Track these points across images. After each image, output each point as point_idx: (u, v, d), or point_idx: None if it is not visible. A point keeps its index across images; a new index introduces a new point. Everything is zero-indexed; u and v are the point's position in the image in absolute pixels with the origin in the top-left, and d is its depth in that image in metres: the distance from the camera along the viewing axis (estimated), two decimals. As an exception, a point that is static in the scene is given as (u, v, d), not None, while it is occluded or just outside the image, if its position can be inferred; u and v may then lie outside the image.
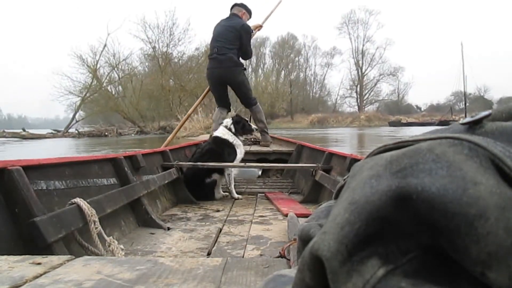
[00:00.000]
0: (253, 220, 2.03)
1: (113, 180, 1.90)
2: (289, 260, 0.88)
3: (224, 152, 2.87)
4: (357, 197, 0.23)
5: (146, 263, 0.81)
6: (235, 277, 0.75)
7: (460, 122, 0.27)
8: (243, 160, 3.14)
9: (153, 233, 1.79)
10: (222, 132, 2.98)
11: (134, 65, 30.56)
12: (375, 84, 51.66)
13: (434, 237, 0.21)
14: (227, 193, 2.85)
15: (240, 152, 2.97)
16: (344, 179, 0.31)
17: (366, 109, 49.20)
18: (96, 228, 1.32)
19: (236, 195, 2.78)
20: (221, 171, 2.80)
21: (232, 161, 2.88)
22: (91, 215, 1.33)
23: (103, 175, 1.82)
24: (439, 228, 0.20)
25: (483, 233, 0.19)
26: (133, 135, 23.43)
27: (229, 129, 2.97)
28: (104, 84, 28.05)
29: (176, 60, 29.84)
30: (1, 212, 1.14)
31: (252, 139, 4.79)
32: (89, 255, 1.21)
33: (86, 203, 1.34)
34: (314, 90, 52.71)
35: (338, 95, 53.25)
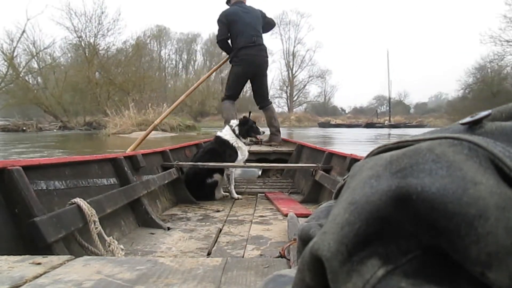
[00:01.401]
0: (253, 220, 2.03)
1: (113, 180, 1.90)
2: (289, 260, 0.88)
3: (225, 153, 2.87)
4: (357, 197, 0.23)
5: (146, 263, 0.81)
6: (235, 277, 0.75)
7: (460, 122, 0.27)
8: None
9: (153, 233, 1.79)
10: (224, 133, 2.97)
11: (57, 55, 28.73)
12: (304, 86, 52.10)
13: (434, 237, 0.21)
14: (227, 193, 2.85)
15: (242, 154, 2.95)
16: (344, 179, 0.31)
17: (294, 110, 49.34)
18: (96, 228, 1.32)
19: (236, 195, 2.78)
20: (222, 171, 2.80)
21: (233, 162, 2.87)
22: (91, 215, 1.33)
23: (103, 175, 1.82)
24: (439, 228, 0.20)
25: (483, 233, 0.19)
26: (55, 130, 21.64)
27: (233, 130, 2.96)
28: (22, 74, 25.83)
29: (103, 52, 28.31)
30: (1, 212, 1.14)
31: (255, 140, 4.79)
32: (89, 255, 1.21)
33: (86, 203, 1.34)
34: (245, 89, 51.13)
35: (268, 95, 53.08)
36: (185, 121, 19.95)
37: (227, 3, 4.48)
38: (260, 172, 4.11)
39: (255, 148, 4.06)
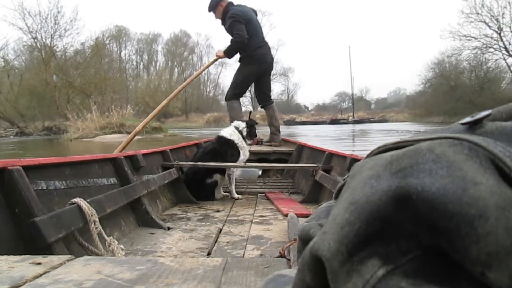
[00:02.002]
0: (253, 220, 2.03)
1: (113, 180, 1.90)
2: (289, 260, 0.88)
3: (227, 153, 2.86)
4: (357, 197, 0.23)
5: (146, 263, 0.81)
6: (235, 277, 0.75)
7: (460, 122, 0.27)
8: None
9: (153, 233, 1.79)
10: (230, 133, 2.94)
11: (11, 57, 27.38)
12: None
13: (434, 237, 0.21)
14: (227, 193, 2.85)
15: (244, 154, 2.95)
16: (344, 179, 0.31)
17: (259, 108, 48.58)
18: (96, 228, 1.32)
19: (236, 195, 2.78)
20: (222, 171, 2.80)
21: (234, 162, 2.87)
22: (91, 215, 1.33)
23: (103, 175, 1.82)
24: (439, 228, 0.20)
25: (483, 233, 0.19)
26: (11, 137, 20.18)
27: (240, 132, 2.95)
28: (-29, 77, 24.09)
29: (60, 53, 27.15)
30: (1, 212, 1.14)
31: (255, 140, 4.78)
32: (89, 255, 1.21)
33: (86, 203, 1.34)
34: (208, 89, 52.27)
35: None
36: (151, 122, 20.00)
37: (229, 5, 4.26)
38: (260, 172, 4.11)
39: (255, 148, 4.06)
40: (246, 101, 51.67)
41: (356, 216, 0.22)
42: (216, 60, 4.34)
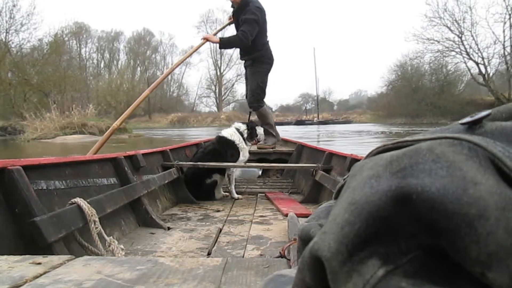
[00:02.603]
0: (253, 220, 2.03)
1: (113, 180, 1.90)
2: (289, 260, 0.88)
3: (227, 153, 2.86)
4: (357, 197, 0.23)
5: (146, 263, 0.81)
6: (235, 277, 0.75)
7: (460, 122, 0.27)
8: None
9: (153, 233, 1.79)
10: (230, 133, 2.94)
11: None
12: (233, 85, 50.89)
13: (434, 237, 0.21)
14: (227, 193, 2.85)
15: (243, 155, 2.95)
16: (344, 179, 0.31)
17: (224, 109, 48.73)
18: (96, 228, 1.32)
19: (236, 195, 2.78)
20: (222, 171, 2.80)
21: (234, 163, 2.87)
22: (91, 215, 1.33)
23: (103, 175, 1.82)
24: (439, 228, 0.20)
25: (483, 233, 0.19)
26: None
27: (241, 133, 2.95)
28: None
29: (16, 49, 25.85)
30: (1, 212, 1.14)
31: (256, 140, 4.77)
32: (89, 255, 1.21)
33: (86, 203, 1.34)
34: (172, 89, 50.91)
35: (197, 94, 51.95)
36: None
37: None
38: (260, 172, 4.11)
39: (255, 148, 4.06)
40: (211, 102, 51.52)
41: (356, 216, 0.22)
42: (203, 44, 3.76)
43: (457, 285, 0.21)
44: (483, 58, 28.84)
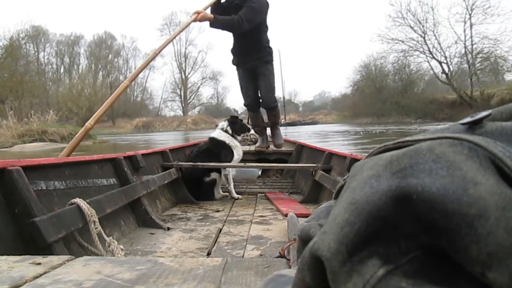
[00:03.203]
0: (253, 220, 2.03)
1: (113, 180, 1.89)
2: (289, 260, 0.88)
3: (221, 154, 2.87)
4: (357, 197, 0.23)
5: (146, 263, 0.81)
6: (235, 277, 0.75)
7: (460, 122, 0.27)
8: (243, 160, 3.14)
9: (153, 233, 1.79)
10: (218, 135, 2.97)
11: None
12: (198, 88, 50.67)
13: (434, 237, 0.21)
14: (227, 193, 2.85)
15: (237, 153, 2.97)
16: (344, 179, 0.31)
17: (189, 113, 48.16)
18: (96, 228, 1.32)
19: (236, 195, 2.78)
20: (219, 170, 2.80)
21: (229, 162, 2.88)
22: (91, 215, 1.33)
23: (103, 175, 1.82)
24: (439, 228, 0.20)
25: (483, 233, 0.19)
26: None
27: (226, 131, 2.97)
28: None
29: None
30: (1, 213, 1.14)
31: (254, 139, 4.78)
32: (89, 255, 1.21)
33: (86, 203, 1.34)
34: (136, 94, 48.85)
35: (162, 98, 50.74)
36: (78, 129, 16.72)
37: None
38: (260, 172, 4.11)
39: (255, 148, 4.06)
40: (176, 106, 50.39)
41: (356, 216, 0.22)
42: (194, 19, 3.18)
43: (457, 285, 0.21)
44: (445, 57, 29.66)
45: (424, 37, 29.78)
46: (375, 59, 34.67)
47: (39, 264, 0.79)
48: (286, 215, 2.07)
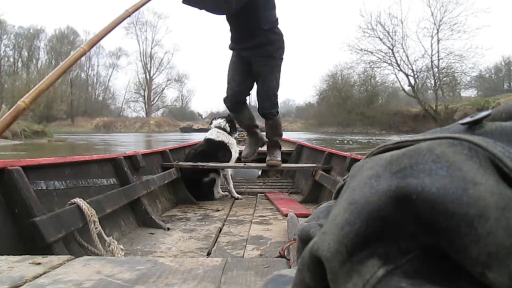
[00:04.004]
0: (253, 220, 2.03)
1: (113, 180, 1.89)
2: (288, 260, 0.88)
3: (218, 154, 2.85)
4: (356, 197, 0.23)
5: (146, 263, 0.81)
6: (235, 277, 0.75)
7: (460, 122, 0.27)
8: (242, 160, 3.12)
9: (153, 233, 1.79)
10: (216, 134, 2.93)
11: None
12: (163, 90, 49.81)
13: (434, 237, 0.21)
14: (226, 193, 2.85)
15: (235, 151, 2.96)
16: (344, 179, 0.31)
17: (152, 114, 47.52)
18: (96, 228, 1.32)
19: (236, 195, 2.78)
20: (218, 170, 2.80)
21: (227, 162, 2.86)
22: (91, 215, 1.33)
23: (103, 175, 1.82)
24: (439, 228, 0.20)
25: (483, 233, 0.19)
26: None
27: (223, 129, 2.94)
28: None
29: None
30: (1, 212, 1.14)
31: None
32: (89, 255, 1.21)
33: (86, 203, 1.34)
34: (98, 92, 48.05)
35: (124, 98, 49.56)
36: (31, 125, 16.32)
37: None
38: (260, 172, 4.10)
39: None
40: (139, 107, 48.85)
41: (355, 216, 0.22)
42: None
43: (457, 285, 0.21)
44: (413, 70, 30.34)
45: (392, 50, 30.50)
46: (342, 69, 35.36)
47: (39, 264, 0.79)
48: (286, 215, 2.07)
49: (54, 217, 1.20)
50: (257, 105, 2.64)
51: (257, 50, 2.45)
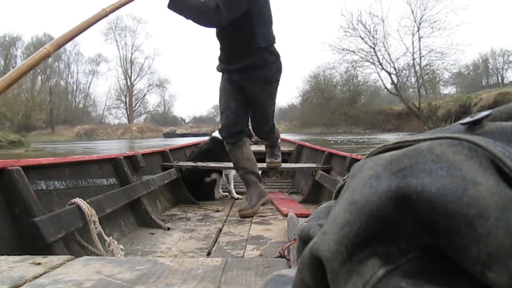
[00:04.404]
0: (253, 220, 2.03)
1: (113, 180, 1.90)
2: (289, 260, 0.88)
3: (223, 153, 2.86)
4: (356, 197, 0.23)
5: (146, 263, 0.81)
6: (235, 277, 0.75)
7: (460, 122, 0.27)
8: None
9: (153, 233, 1.79)
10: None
11: None
12: (144, 95, 48.69)
13: (434, 237, 0.21)
14: (227, 193, 2.85)
15: None
16: (344, 179, 0.31)
17: (135, 121, 46.45)
18: (96, 228, 1.32)
19: (236, 195, 2.78)
20: (220, 170, 2.80)
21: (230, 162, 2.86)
22: (91, 215, 1.33)
23: (103, 175, 1.82)
24: (439, 228, 0.20)
25: (483, 233, 0.19)
26: None
27: None
28: None
29: None
30: (1, 212, 1.14)
31: (254, 140, 4.77)
32: (88, 255, 1.21)
33: (86, 203, 1.34)
34: (78, 100, 46.78)
35: (106, 105, 48.40)
36: (8, 135, 16.01)
37: None
38: (260, 172, 4.10)
39: (254, 148, 4.06)
40: (121, 113, 47.59)
41: (356, 216, 0.22)
42: None
43: (457, 285, 0.21)
44: (395, 69, 29.96)
45: (374, 48, 30.14)
46: (324, 70, 35.20)
47: (39, 264, 0.79)
48: (286, 215, 2.07)
49: (54, 217, 1.20)
50: (252, 128, 2.44)
51: (251, 73, 2.10)
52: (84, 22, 1.62)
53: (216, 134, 2.97)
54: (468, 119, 0.26)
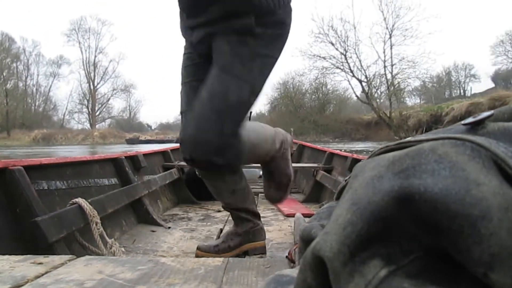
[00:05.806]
0: None
1: (114, 180, 1.90)
2: (294, 263, 0.87)
3: None
4: (359, 197, 0.23)
5: (148, 263, 0.81)
6: (237, 277, 0.75)
7: (462, 122, 0.27)
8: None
9: (154, 231, 1.80)
10: None
11: None
12: (108, 100, 45.78)
13: (436, 237, 0.21)
14: None
15: None
16: (346, 180, 0.31)
17: (97, 126, 43.75)
18: (98, 228, 1.33)
19: None
20: None
21: None
22: (93, 215, 1.33)
23: (104, 175, 1.82)
24: (441, 228, 0.20)
25: (486, 234, 0.19)
26: None
27: None
28: None
29: None
30: (3, 212, 1.14)
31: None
32: (90, 255, 1.21)
33: (87, 203, 1.35)
34: (37, 103, 44.16)
35: (66, 109, 45.55)
36: None
37: None
38: (260, 172, 4.10)
39: None
40: (84, 118, 45.35)
41: (358, 216, 0.22)
42: None
43: (459, 286, 0.21)
44: (366, 76, 29.19)
45: (345, 55, 29.24)
46: (293, 77, 34.42)
47: (40, 263, 0.80)
48: (287, 216, 2.07)
49: (56, 217, 1.21)
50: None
51: (222, 22, 1.13)
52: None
53: None
54: (470, 120, 0.26)
